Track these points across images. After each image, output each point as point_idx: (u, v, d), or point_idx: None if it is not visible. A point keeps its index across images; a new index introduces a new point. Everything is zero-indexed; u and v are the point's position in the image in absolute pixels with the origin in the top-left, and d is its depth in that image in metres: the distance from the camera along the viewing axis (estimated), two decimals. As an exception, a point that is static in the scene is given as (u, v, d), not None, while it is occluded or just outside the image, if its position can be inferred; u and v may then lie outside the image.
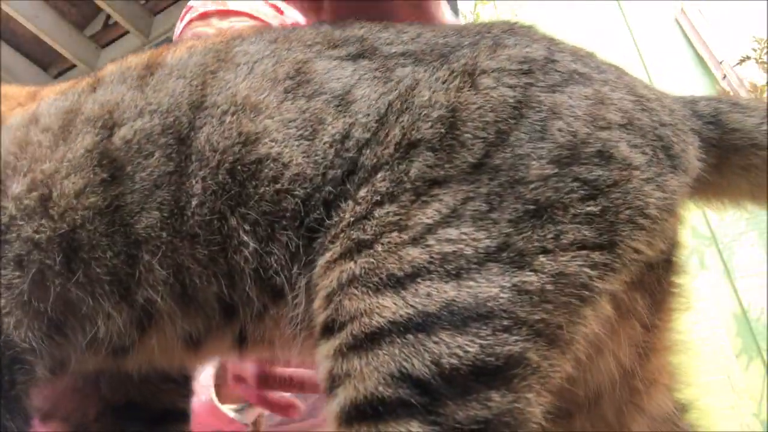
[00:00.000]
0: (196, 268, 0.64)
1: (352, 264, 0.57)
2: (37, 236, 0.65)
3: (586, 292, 0.54)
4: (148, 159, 0.66)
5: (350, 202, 0.60)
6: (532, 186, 0.56)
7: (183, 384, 0.85)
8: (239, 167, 0.63)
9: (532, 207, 0.55)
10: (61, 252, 0.65)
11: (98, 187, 0.66)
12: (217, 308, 0.66)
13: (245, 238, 0.63)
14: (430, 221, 0.56)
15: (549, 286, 0.53)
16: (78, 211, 0.65)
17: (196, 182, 0.64)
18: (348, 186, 0.61)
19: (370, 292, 0.55)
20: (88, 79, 0.75)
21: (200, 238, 0.64)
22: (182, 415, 0.85)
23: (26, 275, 0.64)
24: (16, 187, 0.67)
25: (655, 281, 0.62)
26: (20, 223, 0.66)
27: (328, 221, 0.61)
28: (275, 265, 0.62)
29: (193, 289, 0.65)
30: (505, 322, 0.52)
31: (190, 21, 1.34)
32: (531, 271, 0.53)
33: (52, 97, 0.75)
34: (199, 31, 1.29)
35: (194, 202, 0.64)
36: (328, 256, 0.59)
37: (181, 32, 1.35)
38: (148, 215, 0.64)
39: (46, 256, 0.65)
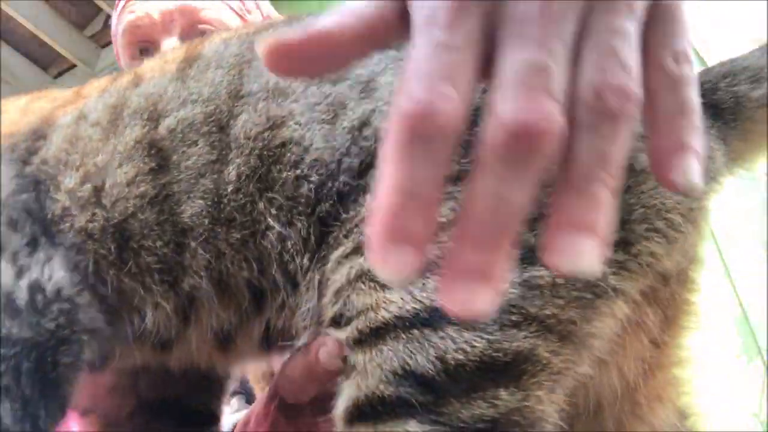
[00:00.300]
0: (230, 252, 0.65)
1: (361, 259, 0.56)
2: (90, 225, 0.67)
3: (600, 286, 0.53)
4: (192, 148, 0.67)
5: (368, 197, 0.59)
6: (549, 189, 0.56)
7: (217, 384, 0.86)
8: (266, 152, 0.64)
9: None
10: (113, 242, 0.66)
11: (148, 176, 0.67)
12: (247, 295, 0.67)
13: (271, 222, 0.64)
14: (443, 219, 0.56)
15: (560, 280, 0.52)
16: (129, 200, 0.67)
17: (233, 169, 0.65)
18: (367, 179, 0.60)
19: (377, 286, 0.55)
20: (127, 77, 0.79)
21: (235, 222, 0.65)
22: (213, 417, 0.85)
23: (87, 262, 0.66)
24: (69, 181, 0.69)
25: (669, 297, 0.61)
26: (74, 213, 0.67)
27: (344, 215, 0.61)
28: (291, 249, 0.63)
29: (227, 274, 0.66)
30: (514, 318, 0.51)
31: (125, 5, 1.31)
32: (541, 265, 0.52)
33: (95, 95, 0.78)
34: (136, 8, 1.27)
35: (230, 189, 0.65)
36: (340, 250, 0.60)
37: (118, 17, 1.32)
38: (193, 204, 0.66)
39: (99, 246, 0.66)
